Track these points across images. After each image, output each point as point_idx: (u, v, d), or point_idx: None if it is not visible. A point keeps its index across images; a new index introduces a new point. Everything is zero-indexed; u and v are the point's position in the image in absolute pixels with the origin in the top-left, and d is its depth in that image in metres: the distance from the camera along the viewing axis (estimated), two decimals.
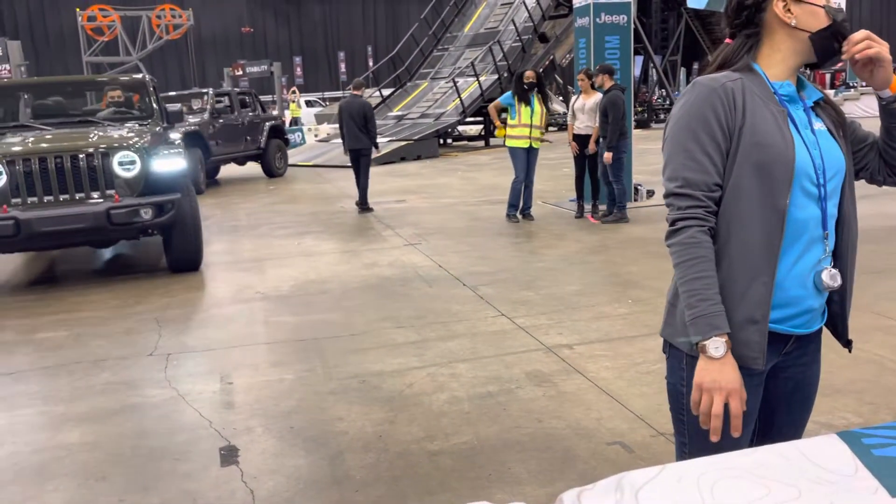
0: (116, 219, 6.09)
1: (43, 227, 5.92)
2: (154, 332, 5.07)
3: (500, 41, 19.50)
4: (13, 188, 6.00)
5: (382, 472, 3.04)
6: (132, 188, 6.29)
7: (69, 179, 6.12)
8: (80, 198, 6.15)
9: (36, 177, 6.03)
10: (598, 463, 3.03)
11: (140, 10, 26.71)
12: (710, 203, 1.54)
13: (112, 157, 6.23)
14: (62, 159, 6.09)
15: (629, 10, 9.45)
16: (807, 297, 1.59)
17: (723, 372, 1.49)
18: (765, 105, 1.55)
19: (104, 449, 3.36)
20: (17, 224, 5.85)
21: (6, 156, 6.02)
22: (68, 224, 6.00)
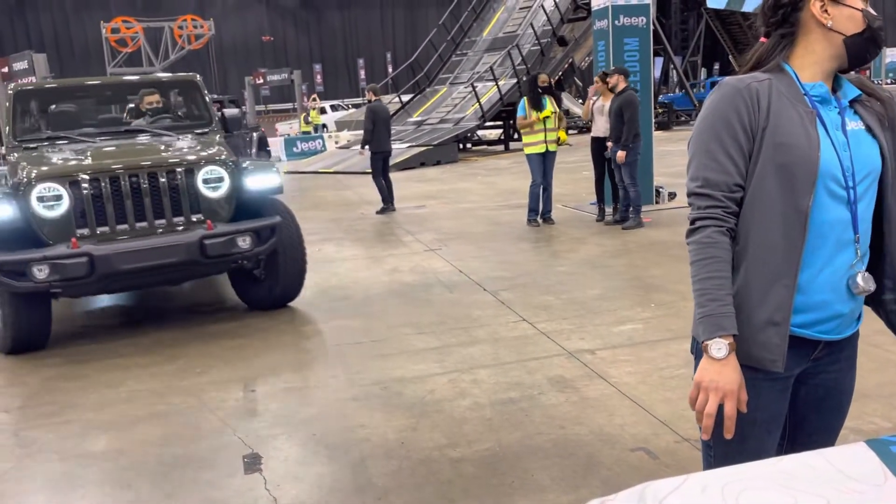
0: (212, 250, 4.90)
1: (123, 265, 4.67)
2: (177, 339, 5.12)
3: (519, 45, 19.49)
4: (78, 215, 4.80)
5: (405, 480, 3.03)
6: (221, 212, 5.15)
7: (147, 203, 4.93)
8: (161, 225, 4.98)
9: (107, 200, 4.84)
10: (622, 470, 3.00)
11: (162, 21, 27.08)
12: (729, 203, 1.54)
13: (196, 174, 5.07)
14: (138, 178, 4.92)
15: (648, 11, 9.40)
16: (836, 302, 1.56)
17: (722, 373, 1.49)
18: (792, 106, 1.53)
19: (129, 457, 3.39)
20: (91, 262, 4.59)
21: (68, 175, 4.79)
22: (154, 259, 4.77)
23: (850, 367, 1.70)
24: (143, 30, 25.79)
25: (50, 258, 4.54)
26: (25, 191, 4.72)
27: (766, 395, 1.57)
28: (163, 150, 5.35)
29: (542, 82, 8.47)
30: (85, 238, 4.77)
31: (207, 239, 4.91)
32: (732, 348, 1.50)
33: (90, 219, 4.81)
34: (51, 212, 4.73)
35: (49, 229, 4.73)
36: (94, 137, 5.63)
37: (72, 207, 4.76)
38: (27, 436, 3.69)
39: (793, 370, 1.60)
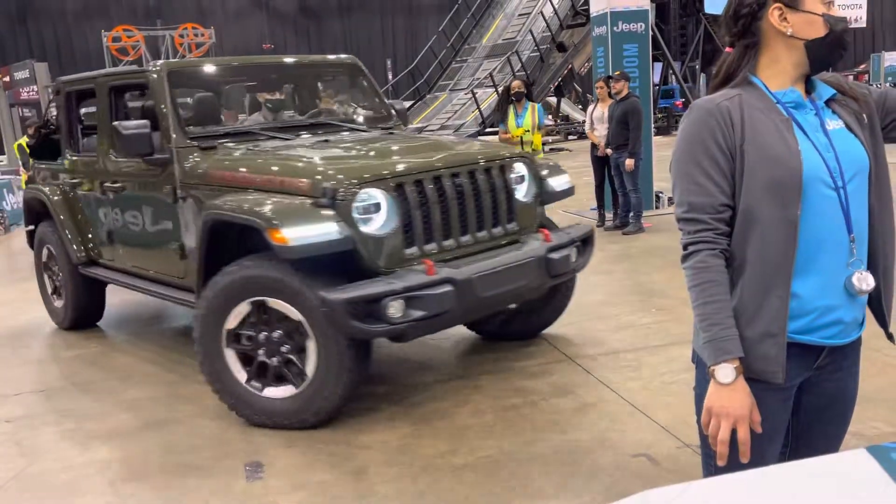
0: (554, 268, 3.97)
1: (485, 292, 3.65)
2: (178, 347, 5.12)
3: (519, 51, 19.55)
4: (404, 230, 3.63)
5: (407, 487, 3.03)
6: (531, 218, 4.20)
7: (472, 210, 3.88)
8: (485, 238, 3.94)
9: (433, 208, 3.71)
10: (624, 476, 3.00)
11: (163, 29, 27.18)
12: (718, 225, 1.54)
13: (507, 173, 4.09)
14: (461, 179, 3.84)
15: (647, 17, 9.43)
16: (838, 307, 1.55)
17: (732, 398, 1.49)
18: (766, 117, 1.53)
19: (131, 465, 3.39)
20: (456, 290, 3.51)
21: (393, 175, 3.64)
22: (512, 283, 3.80)
23: (853, 374, 1.69)
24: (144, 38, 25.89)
25: (411, 289, 3.39)
26: (342, 202, 3.46)
27: (768, 405, 1.56)
28: (459, 147, 4.41)
29: (514, 88, 7.86)
30: (434, 258, 3.64)
31: (552, 252, 3.98)
32: (739, 371, 1.50)
33: (417, 233, 3.65)
34: (374, 227, 3.52)
35: (375, 249, 3.53)
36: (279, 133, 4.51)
37: (400, 220, 3.59)
38: (30, 444, 3.69)
39: (795, 379, 1.60)
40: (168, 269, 4.52)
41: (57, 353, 5.24)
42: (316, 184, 3.54)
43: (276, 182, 3.70)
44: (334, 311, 3.30)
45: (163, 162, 4.26)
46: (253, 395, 3.65)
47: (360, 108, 5.26)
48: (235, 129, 4.56)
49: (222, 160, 4.10)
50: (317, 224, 3.41)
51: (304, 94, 5.32)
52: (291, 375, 3.59)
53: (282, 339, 3.58)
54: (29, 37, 32.49)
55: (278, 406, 3.61)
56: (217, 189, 3.93)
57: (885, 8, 38.49)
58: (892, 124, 1.65)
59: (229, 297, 3.60)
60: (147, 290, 4.73)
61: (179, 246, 4.32)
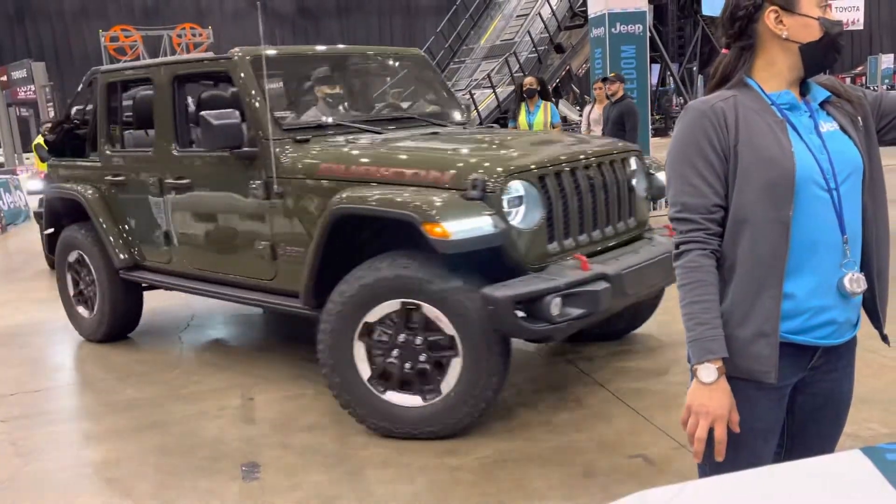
0: None
1: (632, 289, 3.55)
2: (176, 347, 5.12)
3: (517, 52, 19.55)
4: (555, 221, 3.53)
5: (403, 488, 3.03)
6: (645, 213, 4.15)
7: (602, 202, 3.77)
8: (613, 233, 3.85)
9: (570, 200, 3.60)
10: (621, 477, 3.00)
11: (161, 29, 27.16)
12: (710, 225, 1.55)
13: (627, 167, 3.99)
14: (592, 171, 3.74)
15: (644, 19, 9.45)
16: (831, 308, 1.55)
17: (712, 397, 1.51)
18: (761, 118, 1.54)
19: (128, 465, 3.39)
20: (611, 287, 3.36)
21: (538, 167, 3.53)
22: (655, 280, 3.75)
23: (847, 375, 1.68)
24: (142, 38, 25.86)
25: (571, 286, 3.26)
26: (492, 194, 3.32)
27: (761, 406, 1.57)
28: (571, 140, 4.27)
29: (527, 85, 7.88)
30: (560, 254, 3.52)
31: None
32: (721, 372, 1.52)
33: (558, 227, 3.53)
34: (522, 220, 3.40)
35: (523, 244, 3.40)
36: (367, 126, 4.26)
37: (545, 214, 3.48)
38: (26, 444, 3.68)
39: (789, 379, 1.60)
40: (252, 271, 4.11)
41: (54, 353, 5.23)
42: (461, 175, 3.35)
43: (409, 174, 3.46)
44: (500, 309, 3.12)
45: (251, 155, 3.95)
46: (372, 394, 3.44)
47: (428, 102, 5.07)
48: (328, 121, 4.29)
49: (333, 152, 3.82)
50: (474, 217, 3.22)
51: (370, 87, 5.16)
52: (422, 387, 3.40)
53: (423, 348, 3.36)
54: (27, 36, 32.43)
55: (399, 413, 3.42)
56: (328, 183, 3.68)
57: (881, 10, 38.61)
58: (887, 127, 1.65)
59: (376, 294, 3.37)
60: (216, 293, 4.39)
61: (270, 245, 3.96)
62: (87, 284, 5.20)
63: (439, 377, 3.36)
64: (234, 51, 4.21)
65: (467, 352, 3.27)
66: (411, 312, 3.36)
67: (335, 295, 3.47)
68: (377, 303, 3.37)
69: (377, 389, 3.44)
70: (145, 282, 4.93)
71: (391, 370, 3.42)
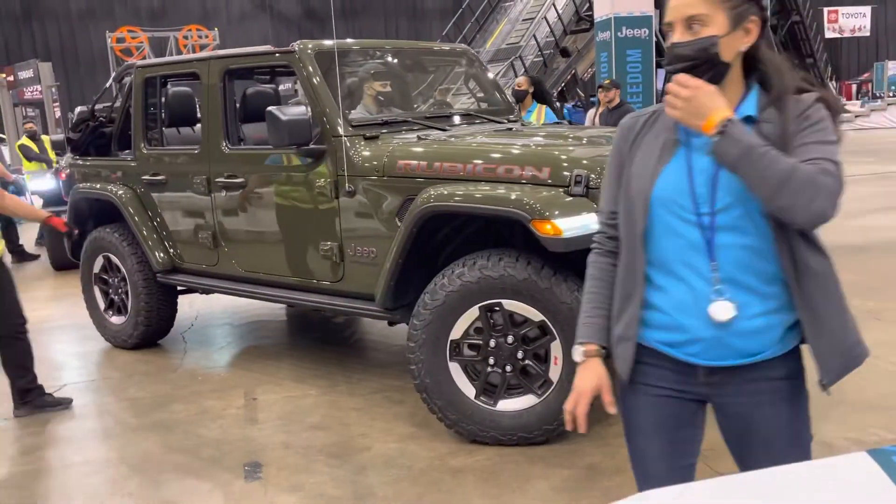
0: None
1: None
2: (179, 347, 5.12)
3: (522, 56, 19.57)
4: None
5: (405, 489, 3.03)
6: None
7: None
8: None
9: None
10: (623, 480, 2.99)
11: (167, 31, 27.24)
12: (607, 229, 1.70)
13: None
14: None
15: (650, 23, 9.46)
16: (695, 328, 1.53)
17: (580, 376, 1.67)
18: (661, 135, 1.58)
19: (130, 465, 3.39)
20: None
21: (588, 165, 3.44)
22: None
23: (765, 402, 1.58)
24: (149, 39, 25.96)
25: None
26: (595, 190, 3.23)
27: (630, 401, 1.67)
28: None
29: (516, 86, 7.32)
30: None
31: None
32: (588, 354, 1.67)
33: None
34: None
35: None
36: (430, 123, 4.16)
37: None
38: (30, 442, 3.69)
39: (671, 385, 1.60)
40: (316, 273, 3.97)
41: (57, 352, 5.24)
42: (561, 170, 3.23)
43: (502, 171, 3.34)
44: None
45: (320, 153, 3.83)
46: (483, 409, 3.33)
47: (478, 99, 4.94)
48: (394, 118, 4.13)
49: (411, 149, 3.67)
50: (582, 214, 3.10)
51: (421, 83, 4.98)
52: (531, 383, 3.30)
53: (517, 344, 3.27)
54: (33, 37, 32.56)
55: (510, 421, 3.31)
56: (407, 181, 3.56)
57: (888, 17, 38.54)
58: None
59: (463, 302, 3.26)
60: (268, 295, 4.26)
61: (338, 246, 3.83)
62: (117, 289, 5.03)
63: (543, 367, 3.27)
64: (295, 44, 4.07)
65: (563, 331, 3.15)
66: (492, 315, 3.28)
67: (420, 308, 3.35)
68: (460, 313, 3.27)
69: (487, 404, 3.33)
70: (184, 285, 4.77)
71: (494, 380, 3.33)
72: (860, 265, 6.24)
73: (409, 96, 4.79)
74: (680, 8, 1.52)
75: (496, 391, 3.33)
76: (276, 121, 3.67)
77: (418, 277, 3.53)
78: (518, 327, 3.27)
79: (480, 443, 3.35)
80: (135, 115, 4.80)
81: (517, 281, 3.17)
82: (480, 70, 5.02)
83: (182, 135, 5.11)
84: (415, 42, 5.07)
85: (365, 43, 4.83)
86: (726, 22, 1.50)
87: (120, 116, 5.11)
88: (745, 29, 1.52)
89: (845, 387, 3.71)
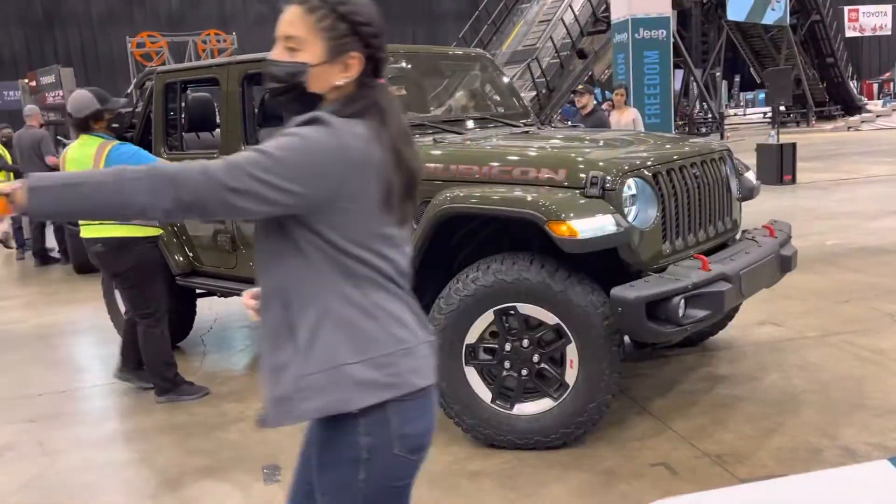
0: (787, 265, 3.81)
1: (747, 289, 3.43)
2: (199, 350, 5.17)
3: (539, 58, 19.53)
4: (668, 220, 3.40)
5: (423, 493, 3.03)
6: (738, 212, 4.03)
7: (709, 201, 3.69)
8: (714, 232, 3.74)
9: (693, 198, 3.55)
10: (642, 485, 2.98)
11: (186, 35, 27.49)
12: None
13: (724, 165, 3.89)
14: (696, 170, 3.63)
15: (668, 24, 9.42)
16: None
17: None
18: None
19: (150, 466, 3.43)
20: (733, 287, 3.25)
21: (655, 164, 3.43)
22: (762, 280, 3.62)
23: (313, 456, 1.57)
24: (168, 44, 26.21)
25: (698, 286, 3.13)
26: (611, 192, 3.20)
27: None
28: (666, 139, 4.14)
29: None
30: (673, 254, 3.40)
31: (784, 248, 3.80)
32: None
33: (670, 226, 3.41)
34: (639, 219, 3.27)
35: (641, 244, 3.26)
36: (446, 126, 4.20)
37: (659, 213, 3.34)
38: (52, 444, 3.74)
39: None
40: None
41: (80, 354, 5.30)
42: (577, 172, 3.24)
43: (517, 173, 3.34)
44: (631, 312, 2.99)
45: None
46: (500, 413, 3.33)
47: (495, 103, 4.95)
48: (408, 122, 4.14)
49: (426, 152, 3.65)
50: (599, 216, 3.11)
51: (438, 87, 5.02)
52: (547, 387, 3.30)
53: (533, 348, 3.27)
54: (55, 42, 33.01)
55: (526, 424, 3.30)
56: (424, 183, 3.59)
57: None
58: None
59: (478, 306, 3.25)
60: None
61: None
62: None
63: (560, 370, 3.27)
64: None
65: (578, 335, 3.17)
66: (507, 318, 3.28)
67: (436, 312, 3.34)
68: (475, 317, 3.27)
69: (504, 408, 3.34)
70: (203, 288, 4.82)
71: (510, 384, 3.33)
72: (881, 267, 6.17)
73: (424, 100, 4.81)
74: (282, 25, 1.45)
75: (512, 395, 3.34)
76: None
77: (434, 281, 3.55)
78: (533, 331, 3.27)
79: (497, 447, 3.35)
80: (155, 121, 4.89)
81: (531, 284, 3.18)
82: (496, 74, 5.05)
83: (201, 139, 5.16)
84: (430, 47, 5.10)
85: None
86: (322, 52, 1.43)
87: (141, 121, 5.18)
88: (345, 63, 1.44)
89: (867, 392, 3.68)
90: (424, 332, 1.52)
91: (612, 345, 3.18)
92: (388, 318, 1.44)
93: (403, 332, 1.46)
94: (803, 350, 4.39)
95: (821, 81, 28.37)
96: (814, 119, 27.15)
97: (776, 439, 3.29)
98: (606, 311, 3.13)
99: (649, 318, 3.02)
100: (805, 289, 5.58)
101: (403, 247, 1.52)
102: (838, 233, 7.58)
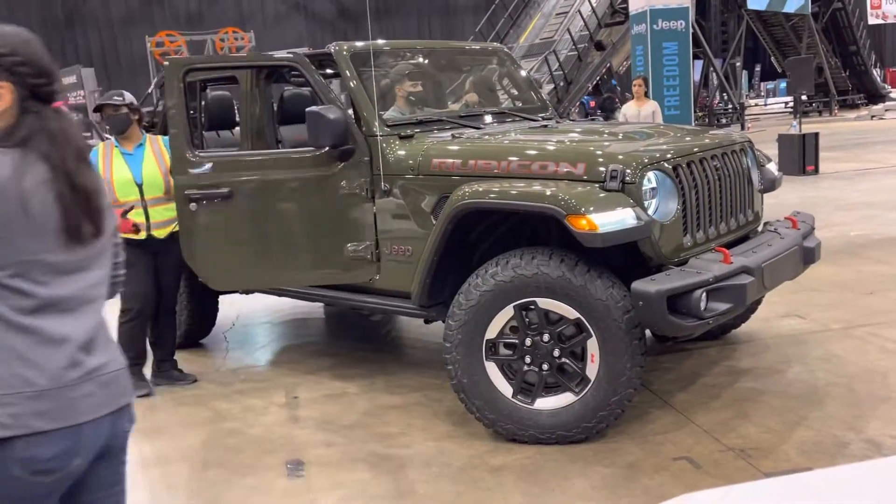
0: (810, 257, 3.81)
1: (770, 282, 3.44)
2: (221, 346, 5.22)
3: (556, 51, 19.42)
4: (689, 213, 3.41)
5: (445, 487, 3.05)
6: (760, 205, 4.01)
7: (737, 195, 3.71)
8: (736, 225, 3.73)
9: (714, 190, 3.54)
10: (665, 479, 2.97)
11: (205, 34, 27.69)
12: None
13: (746, 157, 3.85)
14: (718, 163, 3.60)
15: (687, 15, 9.32)
16: None
17: None
18: None
19: (174, 462, 3.47)
20: (755, 280, 3.23)
21: (676, 157, 3.40)
22: (785, 272, 3.60)
23: None
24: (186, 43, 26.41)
25: (720, 279, 3.11)
26: (631, 185, 3.19)
27: None
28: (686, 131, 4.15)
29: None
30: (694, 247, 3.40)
31: (807, 241, 3.80)
32: None
33: (691, 219, 3.40)
34: (660, 212, 3.27)
35: (661, 237, 3.27)
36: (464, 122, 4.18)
37: (680, 205, 3.34)
38: None
39: None
40: (351, 271, 3.95)
41: None
42: (596, 166, 3.24)
43: (536, 167, 3.36)
44: (652, 305, 2.98)
45: (349, 153, 3.81)
46: (521, 408, 3.33)
47: (513, 97, 4.92)
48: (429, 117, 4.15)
49: (445, 147, 3.69)
50: (619, 209, 3.10)
51: (455, 82, 4.99)
52: (568, 381, 3.29)
53: (552, 342, 3.27)
54: (76, 43, 33.38)
55: (548, 419, 3.30)
56: (442, 178, 3.58)
57: None
58: None
59: (497, 301, 3.26)
60: (305, 294, 4.27)
61: (374, 245, 3.83)
62: None
63: (581, 365, 3.26)
64: (332, 45, 4.12)
65: (599, 329, 3.16)
66: (527, 313, 3.28)
67: (455, 307, 3.36)
68: (495, 312, 3.27)
69: (525, 403, 3.33)
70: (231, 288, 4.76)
71: (531, 379, 3.33)
72: None
73: (442, 96, 4.82)
74: None
75: (533, 390, 3.34)
76: (319, 120, 3.66)
77: (453, 276, 3.56)
78: (554, 325, 3.26)
79: (519, 441, 3.35)
80: (174, 120, 4.82)
81: (551, 279, 3.17)
82: (514, 68, 5.02)
83: (221, 138, 5.19)
84: (447, 42, 5.11)
85: (397, 44, 4.88)
86: None
87: (161, 121, 5.21)
88: None
89: (892, 384, 3.64)
90: (76, 371, 1.52)
91: (634, 339, 3.16)
92: (13, 359, 1.44)
93: (31, 373, 1.45)
94: (827, 343, 4.35)
95: (843, 70, 27.94)
96: (836, 108, 26.75)
97: (801, 433, 3.26)
98: (627, 305, 3.12)
99: (670, 311, 3.01)
100: (829, 280, 5.52)
101: (83, 272, 1.53)
102: (862, 223, 7.48)
